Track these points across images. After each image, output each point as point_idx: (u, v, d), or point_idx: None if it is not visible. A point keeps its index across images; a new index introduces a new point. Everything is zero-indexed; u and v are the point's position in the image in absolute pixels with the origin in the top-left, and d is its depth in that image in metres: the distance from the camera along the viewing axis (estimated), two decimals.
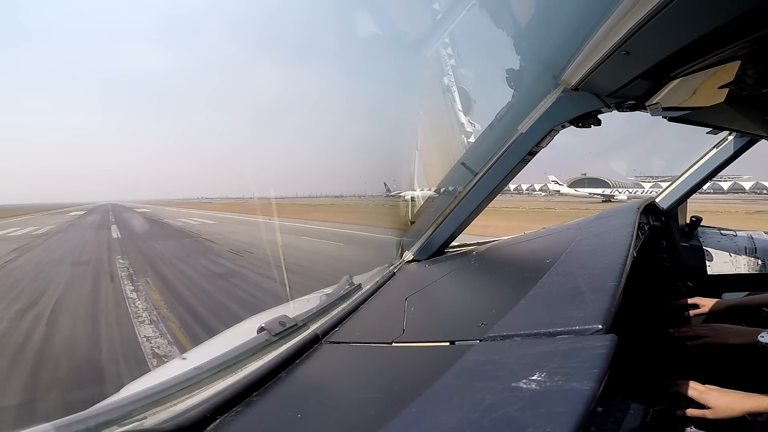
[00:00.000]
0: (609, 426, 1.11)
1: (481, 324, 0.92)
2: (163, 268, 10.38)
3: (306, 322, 1.15)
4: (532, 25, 1.33)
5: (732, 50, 0.97)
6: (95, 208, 75.35)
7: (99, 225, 27.98)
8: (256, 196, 14.51)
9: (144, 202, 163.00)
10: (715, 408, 1.09)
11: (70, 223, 31.08)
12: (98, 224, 28.87)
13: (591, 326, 0.65)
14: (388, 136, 2.31)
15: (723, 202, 40.38)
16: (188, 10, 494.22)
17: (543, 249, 1.66)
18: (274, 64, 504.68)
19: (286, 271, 8.37)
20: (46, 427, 0.64)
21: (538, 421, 0.44)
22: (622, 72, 1.18)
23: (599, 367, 0.52)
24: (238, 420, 0.72)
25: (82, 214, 48.18)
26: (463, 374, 0.62)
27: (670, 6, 0.79)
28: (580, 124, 1.51)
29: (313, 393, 0.83)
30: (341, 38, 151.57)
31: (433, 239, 1.88)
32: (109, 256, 12.41)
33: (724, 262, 2.38)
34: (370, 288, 1.49)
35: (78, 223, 32.09)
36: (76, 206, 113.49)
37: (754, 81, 1.20)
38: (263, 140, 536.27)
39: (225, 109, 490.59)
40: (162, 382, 0.80)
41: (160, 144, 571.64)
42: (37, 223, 32.46)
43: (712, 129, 2.12)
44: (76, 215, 46.96)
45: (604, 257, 1.07)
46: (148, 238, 17.59)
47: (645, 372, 1.47)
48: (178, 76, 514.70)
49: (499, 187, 1.72)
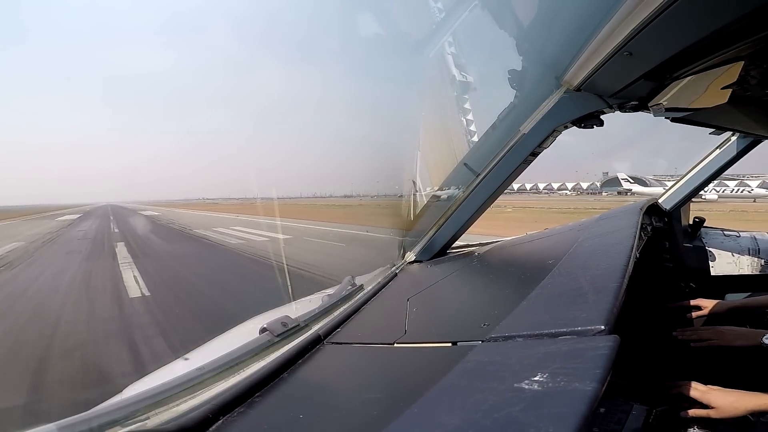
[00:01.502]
0: (611, 427, 1.11)
1: (483, 325, 0.92)
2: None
3: (308, 323, 1.15)
4: (534, 26, 1.33)
5: (735, 51, 0.96)
6: (93, 211, 64.85)
7: (95, 242, 16.53)
8: (260, 196, 13.60)
9: (145, 203, 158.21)
10: (719, 408, 1.09)
11: (50, 238, 18.72)
12: (93, 240, 17.35)
13: (593, 327, 0.65)
14: (390, 136, 2.31)
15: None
16: (190, 10, 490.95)
17: (545, 250, 1.65)
18: (276, 64, 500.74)
19: (288, 273, 7.69)
20: (49, 428, 0.64)
21: (540, 422, 0.44)
22: (625, 72, 1.17)
23: (602, 368, 0.52)
24: (241, 420, 0.72)
25: (75, 220, 35.56)
26: (466, 375, 0.62)
27: (673, 6, 0.79)
28: (582, 124, 1.51)
29: (315, 394, 0.83)
30: (343, 39, 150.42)
31: (435, 240, 1.88)
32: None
33: (727, 262, 2.37)
34: (372, 289, 1.49)
35: (63, 237, 19.31)
36: (71, 208, 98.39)
37: (757, 81, 1.20)
38: (265, 140, 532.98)
39: (226, 109, 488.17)
40: (164, 383, 0.80)
41: (159, 144, 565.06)
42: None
43: (715, 129, 2.11)
44: (67, 220, 34.82)
45: (606, 258, 1.07)
46: (210, 282, 8.31)
47: (648, 373, 1.46)
48: (180, 76, 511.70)
49: (501, 188, 1.72)
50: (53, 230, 23.67)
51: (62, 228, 24.47)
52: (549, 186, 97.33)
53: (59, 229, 24.29)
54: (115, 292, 7.49)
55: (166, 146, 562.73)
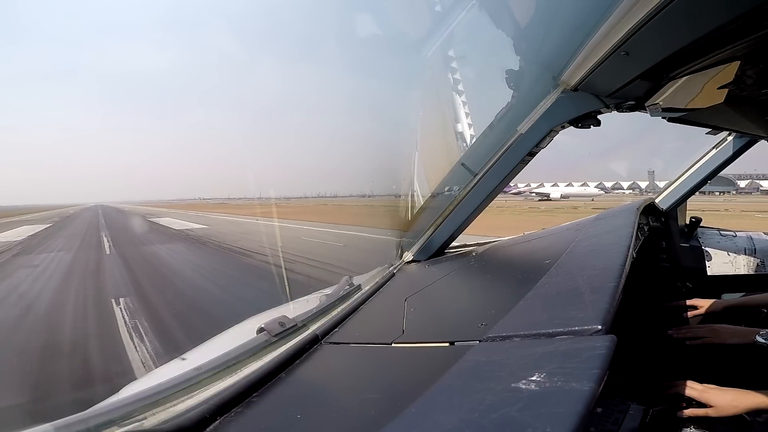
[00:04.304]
0: (608, 426, 1.11)
1: (480, 324, 0.92)
2: None
3: (306, 323, 1.15)
4: (531, 26, 1.33)
5: (731, 50, 0.97)
6: (75, 215, 46.87)
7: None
8: (257, 196, 13.35)
9: (141, 204, 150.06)
10: (716, 407, 1.09)
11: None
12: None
13: (590, 327, 0.65)
14: (387, 136, 2.31)
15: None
16: (184, 6, 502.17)
17: (543, 250, 1.66)
18: (273, 63, 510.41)
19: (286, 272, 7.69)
20: (46, 428, 0.63)
21: (537, 422, 0.44)
22: (622, 72, 1.18)
23: (599, 368, 0.52)
24: (238, 421, 0.72)
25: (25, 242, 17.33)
26: (463, 375, 0.62)
27: (670, 6, 0.79)
28: (579, 124, 1.51)
29: (312, 394, 0.83)
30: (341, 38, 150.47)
31: (433, 240, 1.88)
32: None
33: (724, 262, 2.38)
34: (370, 289, 1.49)
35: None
36: (48, 209, 72.34)
37: (753, 81, 1.20)
38: (261, 140, 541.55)
39: (222, 109, 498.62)
40: (162, 383, 0.80)
41: (154, 143, 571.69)
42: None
43: (712, 129, 2.12)
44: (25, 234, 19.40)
45: (603, 258, 1.07)
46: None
47: (644, 372, 1.47)
48: (175, 74, 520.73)
49: (498, 188, 1.72)
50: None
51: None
52: (601, 185, 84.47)
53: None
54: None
55: (162, 145, 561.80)
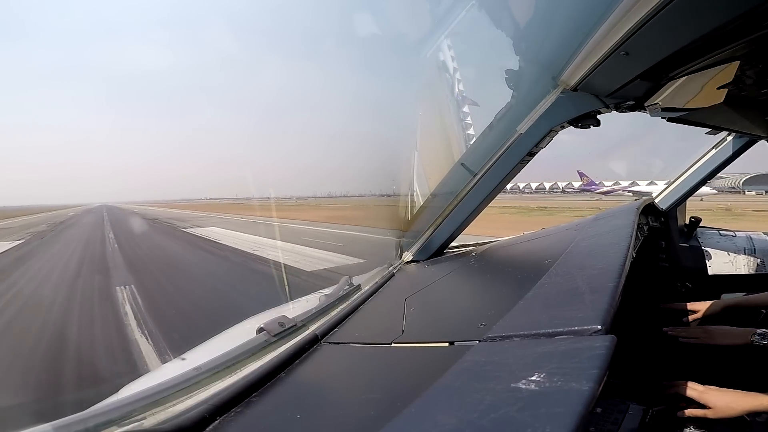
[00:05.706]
0: (608, 426, 1.11)
1: (480, 324, 0.92)
2: None
3: (305, 323, 1.15)
4: (531, 26, 1.33)
5: (731, 51, 0.97)
6: (68, 221, 40.31)
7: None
8: (256, 195, 13.45)
9: (144, 204, 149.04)
10: (715, 408, 1.09)
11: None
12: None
13: (590, 327, 0.65)
14: (387, 136, 2.31)
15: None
16: (187, 5, 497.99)
17: (542, 250, 1.66)
18: (272, 62, 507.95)
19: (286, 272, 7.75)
20: (45, 428, 0.63)
21: (537, 422, 0.44)
22: (621, 72, 1.18)
23: (598, 368, 0.52)
24: (238, 421, 0.72)
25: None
26: (463, 375, 0.62)
27: (669, 6, 0.79)
28: (579, 124, 1.51)
29: (312, 394, 0.83)
30: (341, 39, 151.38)
31: (433, 240, 1.88)
32: None
33: (724, 262, 2.38)
34: (370, 289, 1.49)
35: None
36: (42, 210, 65.87)
37: (753, 81, 1.21)
38: (259, 140, 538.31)
39: (226, 109, 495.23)
40: (161, 383, 0.80)
41: (158, 143, 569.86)
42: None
43: (711, 129, 2.12)
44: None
45: (603, 258, 1.07)
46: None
47: (644, 372, 1.47)
48: (179, 75, 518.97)
49: (498, 188, 1.72)
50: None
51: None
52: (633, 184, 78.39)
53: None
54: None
55: (166, 145, 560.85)
